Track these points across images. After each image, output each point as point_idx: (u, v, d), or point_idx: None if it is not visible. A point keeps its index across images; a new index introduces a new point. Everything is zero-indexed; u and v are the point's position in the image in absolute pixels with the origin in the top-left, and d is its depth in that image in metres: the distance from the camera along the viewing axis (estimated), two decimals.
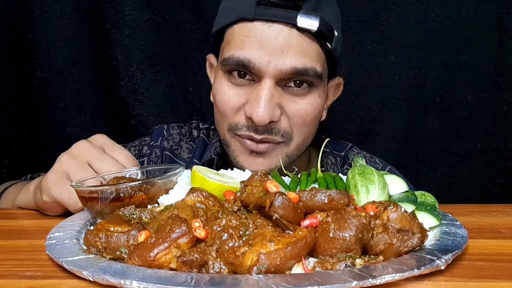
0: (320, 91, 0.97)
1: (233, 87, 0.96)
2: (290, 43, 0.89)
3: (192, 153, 1.14)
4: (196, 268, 0.56)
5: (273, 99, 0.91)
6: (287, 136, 0.96)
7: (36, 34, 1.39)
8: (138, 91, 1.44)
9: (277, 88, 0.93)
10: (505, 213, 0.89)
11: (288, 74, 0.90)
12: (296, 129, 0.96)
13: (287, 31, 0.89)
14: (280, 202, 0.60)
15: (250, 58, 0.90)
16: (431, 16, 1.38)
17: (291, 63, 0.90)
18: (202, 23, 1.40)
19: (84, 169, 0.81)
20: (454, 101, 1.41)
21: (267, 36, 0.90)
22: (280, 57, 0.89)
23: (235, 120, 0.96)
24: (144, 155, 1.15)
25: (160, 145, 1.15)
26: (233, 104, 0.95)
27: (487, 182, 1.45)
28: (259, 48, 0.90)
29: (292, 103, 0.94)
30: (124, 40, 1.39)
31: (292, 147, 0.98)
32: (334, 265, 0.55)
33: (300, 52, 0.90)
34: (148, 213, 0.72)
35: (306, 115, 0.95)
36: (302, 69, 0.90)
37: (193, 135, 1.18)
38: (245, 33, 0.92)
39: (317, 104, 0.96)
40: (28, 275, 0.58)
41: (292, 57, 0.90)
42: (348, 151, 1.17)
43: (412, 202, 0.73)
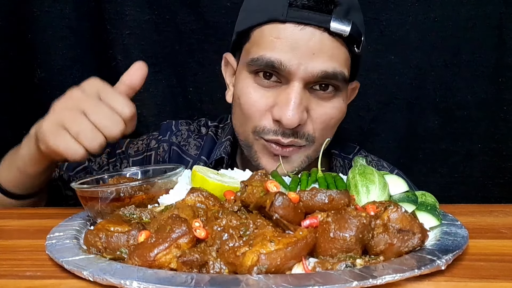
0: (344, 95, 0.98)
1: (259, 88, 0.94)
2: (321, 46, 0.89)
3: (200, 150, 1.14)
4: (196, 268, 0.56)
5: (302, 102, 0.91)
6: (311, 139, 0.95)
7: (36, 34, 1.39)
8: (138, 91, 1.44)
9: (305, 91, 0.92)
10: (506, 213, 0.89)
11: (318, 77, 0.90)
12: (319, 132, 0.96)
13: (319, 35, 0.89)
14: (280, 202, 0.60)
15: (282, 60, 0.89)
16: (431, 16, 1.37)
17: (322, 66, 0.90)
18: (202, 23, 1.40)
19: (80, 120, 0.78)
20: (454, 101, 1.41)
21: (299, 38, 0.89)
22: (311, 60, 0.89)
23: (262, 123, 0.94)
24: (151, 149, 1.14)
25: (168, 139, 1.14)
26: (260, 106, 0.94)
27: (487, 182, 1.45)
28: (290, 50, 0.89)
29: (318, 106, 0.94)
30: (124, 40, 1.39)
31: (312, 149, 0.98)
32: (334, 265, 0.55)
33: (330, 56, 0.90)
34: (148, 213, 0.72)
35: (330, 119, 0.96)
36: (332, 73, 0.90)
37: (202, 132, 1.18)
38: (276, 34, 0.91)
39: (341, 107, 0.97)
40: (28, 275, 0.58)
41: (322, 61, 0.90)
42: (356, 153, 1.17)
43: (412, 202, 0.74)
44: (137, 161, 1.15)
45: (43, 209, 0.95)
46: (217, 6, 1.39)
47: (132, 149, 1.17)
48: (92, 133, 0.77)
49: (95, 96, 0.82)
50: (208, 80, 1.44)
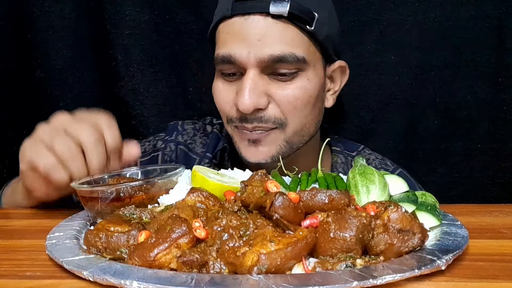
0: (309, 74, 0.97)
1: (226, 83, 1.00)
2: (266, 31, 0.92)
3: (206, 148, 1.16)
4: (197, 268, 0.56)
5: (257, 87, 0.94)
6: (279, 122, 0.97)
7: (36, 34, 1.38)
8: (138, 91, 1.43)
9: (263, 76, 0.95)
10: (505, 213, 0.89)
11: (268, 62, 0.93)
12: (289, 114, 0.97)
13: (262, 21, 0.92)
14: (280, 202, 0.60)
15: (231, 53, 0.94)
16: (431, 16, 1.37)
17: (269, 50, 0.92)
18: (202, 23, 1.40)
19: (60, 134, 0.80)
20: (454, 101, 1.41)
21: (245, 28, 0.93)
22: (258, 46, 0.92)
23: (230, 114, 1.00)
24: (158, 149, 1.16)
25: (175, 139, 1.17)
26: (227, 98, 0.99)
27: (487, 182, 1.45)
28: (239, 41, 0.93)
29: (279, 89, 0.96)
30: (124, 40, 1.39)
31: (289, 132, 0.98)
32: (334, 265, 0.55)
33: (277, 39, 0.92)
34: (148, 213, 0.72)
35: (295, 100, 0.96)
36: (280, 55, 0.92)
37: (207, 130, 1.21)
38: (226, 30, 0.96)
39: (305, 88, 0.97)
40: (28, 275, 0.58)
41: (269, 45, 0.92)
42: (360, 151, 1.18)
43: (412, 202, 0.74)
44: (144, 162, 1.16)
45: (43, 209, 0.95)
46: None
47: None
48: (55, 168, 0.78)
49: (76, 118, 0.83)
50: (208, 80, 1.43)
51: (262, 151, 0.98)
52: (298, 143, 1.01)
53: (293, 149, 1.01)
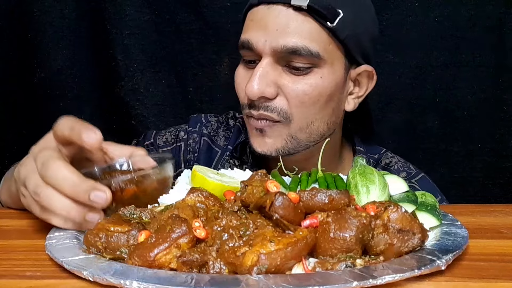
0: (324, 72, 0.96)
1: (245, 70, 1.01)
2: (286, 22, 0.93)
3: (228, 141, 1.16)
4: (196, 268, 0.56)
5: (267, 76, 0.94)
6: (285, 115, 0.96)
7: (36, 34, 1.39)
8: (138, 91, 1.44)
9: (277, 67, 0.95)
10: (506, 213, 0.89)
11: (281, 52, 0.93)
12: (295, 109, 0.96)
13: (284, 12, 0.93)
14: (280, 202, 0.60)
15: (249, 39, 0.95)
16: (431, 16, 1.37)
17: (284, 41, 0.92)
18: (202, 23, 1.40)
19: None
20: (454, 101, 1.41)
21: (267, 17, 0.94)
22: (274, 36, 0.93)
23: (243, 100, 1.00)
24: (181, 140, 1.16)
25: (199, 131, 1.17)
26: (242, 85, 1.00)
27: (487, 182, 1.45)
28: (259, 29, 0.94)
29: (290, 82, 0.95)
30: (124, 40, 1.39)
31: (294, 128, 0.98)
32: (334, 265, 0.55)
33: (293, 31, 0.92)
34: (148, 213, 0.72)
35: (303, 95, 0.95)
36: (293, 47, 0.92)
37: (230, 124, 1.21)
38: (251, 17, 0.97)
39: (317, 85, 0.95)
40: (28, 275, 0.58)
41: (285, 36, 0.92)
42: (382, 154, 1.17)
43: (412, 202, 0.74)
44: (167, 152, 1.16)
45: None
46: (217, 6, 1.39)
47: (160, 140, 1.19)
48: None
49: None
50: (208, 80, 1.44)
51: (268, 142, 0.98)
52: (306, 140, 1.00)
53: (301, 146, 1.00)
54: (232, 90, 1.39)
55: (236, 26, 1.39)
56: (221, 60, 1.42)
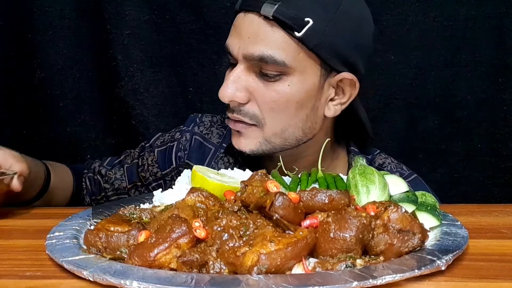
0: (293, 80, 0.97)
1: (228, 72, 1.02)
2: (256, 30, 0.95)
3: (222, 139, 1.19)
4: (196, 268, 0.56)
5: (239, 81, 0.97)
6: (257, 120, 0.99)
7: (36, 34, 1.39)
8: (138, 91, 1.44)
9: (250, 73, 0.98)
10: (506, 213, 0.89)
11: (252, 59, 0.95)
12: (267, 115, 0.99)
13: (256, 20, 0.95)
14: (280, 202, 0.60)
15: (228, 45, 0.98)
16: (431, 16, 1.37)
17: (252, 49, 0.95)
18: (202, 23, 1.40)
19: None
20: (454, 101, 1.41)
21: (242, 24, 0.97)
22: (246, 43, 0.95)
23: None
24: (175, 139, 1.20)
25: (191, 130, 1.20)
26: None
27: (487, 182, 1.45)
28: (235, 35, 0.98)
29: (260, 89, 0.98)
30: (124, 40, 1.39)
31: (268, 133, 1.00)
32: (334, 265, 0.55)
33: (261, 40, 0.94)
34: (148, 213, 0.72)
35: (271, 102, 0.98)
36: (260, 55, 0.94)
37: (225, 124, 1.22)
38: (234, 22, 1.00)
39: (284, 92, 0.97)
40: (28, 275, 0.58)
41: (254, 44, 0.95)
42: (375, 155, 1.18)
43: (412, 203, 0.73)
44: (161, 151, 1.20)
45: (43, 209, 0.95)
46: (217, 6, 1.39)
47: (159, 140, 1.23)
48: None
49: None
50: (208, 80, 1.43)
51: (243, 142, 1.01)
52: (281, 144, 1.01)
53: (277, 149, 1.01)
54: None
55: None
56: (221, 60, 1.42)
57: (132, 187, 1.22)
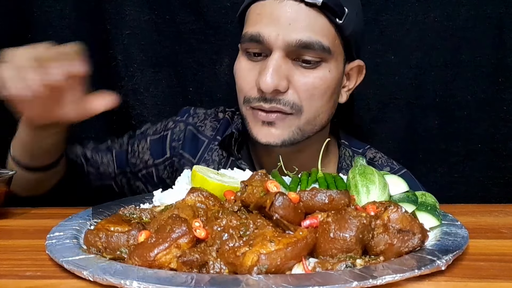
0: (331, 66, 0.99)
1: (249, 63, 1.02)
2: (297, 17, 0.95)
3: (216, 131, 1.19)
4: (197, 268, 0.56)
5: (280, 70, 0.96)
6: (296, 108, 0.99)
7: (36, 34, 1.38)
8: (138, 91, 1.43)
9: (287, 61, 0.97)
10: (506, 213, 0.89)
11: (295, 46, 0.95)
12: (306, 102, 0.99)
13: (295, 6, 0.95)
14: (280, 202, 0.60)
15: (261, 33, 0.96)
16: (431, 16, 1.37)
17: (297, 35, 0.94)
18: (202, 23, 1.40)
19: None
20: (454, 101, 1.41)
21: (277, 11, 0.95)
22: (287, 30, 0.94)
23: (249, 94, 1.01)
24: (168, 128, 1.20)
25: (185, 120, 1.20)
26: (248, 78, 1.01)
27: (487, 182, 1.45)
28: (269, 23, 0.96)
29: (300, 76, 0.98)
30: (124, 40, 1.39)
31: (303, 120, 1.00)
32: (334, 265, 0.55)
33: (306, 26, 0.95)
34: (148, 213, 0.72)
35: (313, 88, 0.98)
36: (307, 41, 0.94)
37: (219, 117, 1.23)
38: (258, 11, 0.98)
39: (325, 78, 0.99)
40: (28, 275, 0.58)
41: (298, 30, 0.94)
42: (366, 149, 1.20)
43: (412, 203, 0.74)
44: (154, 140, 1.20)
45: (43, 209, 0.95)
46: (217, 6, 1.39)
47: (151, 129, 1.23)
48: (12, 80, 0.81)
49: None
50: (208, 80, 1.43)
51: (275, 133, 0.99)
52: (309, 131, 1.03)
53: (304, 137, 1.02)
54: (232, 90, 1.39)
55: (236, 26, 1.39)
56: (221, 60, 1.41)
57: (120, 173, 1.21)
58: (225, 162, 1.15)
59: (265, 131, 1.00)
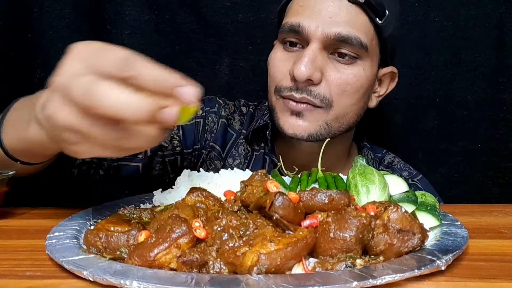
0: (366, 65, 1.00)
1: (285, 53, 1.02)
2: (339, 12, 0.96)
3: (243, 126, 1.18)
4: (196, 268, 0.56)
5: (316, 61, 0.96)
6: (326, 102, 0.99)
7: (36, 34, 1.38)
8: None
9: (323, 53, 0.98)
10: (506, 213, 0.89)
11: (333, 39, 0.96)
12: (336, 97, 0.99)
13: (338, 2, 0.96)
14: (280, 202, 0.60)
15: (301, 23, 0.97)
16: (431, 16, 1.37)
17: (337, 29, 0.95)
18: (202, 23, 1.40)
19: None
20: (454, 101, 1.41)
21: (320, 5, 0.97)
22: (327, 23, 0.95)
23: (281, 83, 1.01)
24: (199, 116, 1.16)
25: (218, 112, 1.18)
26: (282, 67, 1.01)
27: (487, 182, 1.45)
28: (310, 14, 0.97)
29: (334, 70, 0.98)
30: (124, 40, 1.39)
31: (331, 116, 1.00)
32: (334, 265, 0.55)
33: (346, 21, 0.96)
34: (148, 213, 0.72)
35: (346, 84, 0.98)
36: (346, 36, 0.95)
37: (242, 110, 1.22)
38: (301, 3, 1.00)
39: (359, 76, 0.99)
40: (28, 275, 0.58)
41: (338, 24, 0.95)
42: (384, 154, 1.22)
43: (412, 202, 0.74)
44: (188, 126, 1.14)
45: (43, 209, 0.95)
46: (217, 6, 1.39)
47: None
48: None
49: None
50: (208, 80, 1.43)
51: (302, 125, 0.99)
52: (336, 129, 1.02)
53: (330, 134, 1.02)
54: (232, 90, 1.39)
55: (236, 26, 1.39)
56: (221, 60, 1.42)
57: (153, 156, 1.11)
58: (250, 157, 1.14)
59: (293, 122, 1.00)
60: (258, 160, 1.13)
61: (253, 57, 1.39)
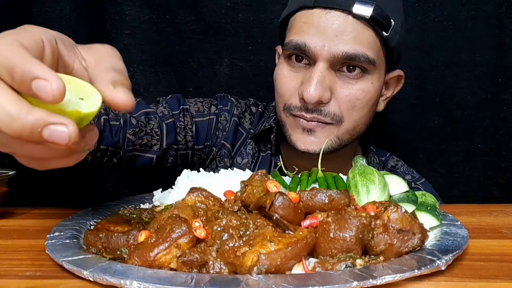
0: (374, 78, 1.00)
1: (291, 70, 1.02)
2: (344, 29, 0.95)
3: (252, 125, 1.18)
4: (196, 268, 0.56)
5: (325, 81, 0.96)
6: (337, 118, 0.99)
7: None
8: (138, 91, 1.43)
9: (331, 72, 0.97)
10: (506, 213, 0.89)
11: (340, 58, 0.95)
12: (346, 113, 1.00)
13: (343, 18, 0.95)
14: (280, 202, 0.60)
15: (306, 42, 0.96)
16: (431, 16, 1.37)
17: (344, 48, 0.94)
18: (202, 23, 1.40)
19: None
20: (454, 101, 1.41)
21: (324, 22, 0.95)
22: (333, 42, 0.94)
23: (290, 101, 1.01)
24: (213, 113, 1.16)
25: (230, 110, 1.17)
26: (290, 85, 1.01)
27: (487, 182, 1.45)
28: (315, 33, 0.95)
29: (343, 88, 0.98)
30: (124, 40, 1.39)
31: (343, 130, 1.01)
32: (334, 265, 0.55)
33: (353, 38, 0.95)
34: (148, 213, 0.72)
35: (355, 100, 0.99)
36: (353, 54, 0.94)
37: (252, 110, 1.22)
38: (304, 19, 0.98)
39: (368, 90, 0.99)
40: (28, 275, 0.58)
41: (345, 42, 0.94)
42: (388, 157, 1.22)
43: (412, 202, 0.74)
44: (199, 122, 1.14)
45: (43, 209, 0.95)
46: (217, 6, 1.39)
47: (192, 108, 1.15)
48: None
49: None
50: (208, 80, 1.43)
51: (314, 141, 1.00)
52: (347, 141, 1.04)
53: (342, 145, 1.03)
54: (232, 90, 1.39)
55: (236, 26, 1.39)
56: (221, 60, 1.42)
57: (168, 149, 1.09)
58: (257, 157, 1.15)
59: (305, 139, 1.00)
60: (265, 161, 1.14)
61: (253, 57, 1.40)
